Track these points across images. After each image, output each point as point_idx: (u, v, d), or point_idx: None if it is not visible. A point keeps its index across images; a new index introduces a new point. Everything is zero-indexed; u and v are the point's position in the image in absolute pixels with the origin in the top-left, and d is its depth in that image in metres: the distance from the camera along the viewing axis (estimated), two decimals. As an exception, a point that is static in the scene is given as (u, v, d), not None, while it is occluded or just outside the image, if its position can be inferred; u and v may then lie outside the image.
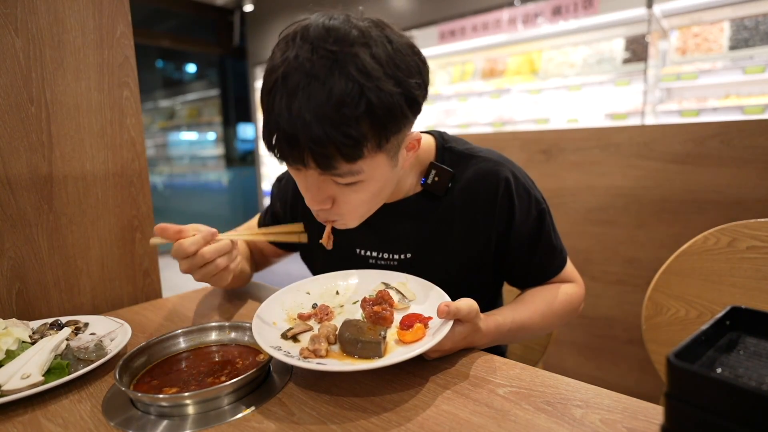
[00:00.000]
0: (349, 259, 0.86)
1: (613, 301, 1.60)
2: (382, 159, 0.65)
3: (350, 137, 0.57)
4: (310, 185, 0.66)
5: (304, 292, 0.77)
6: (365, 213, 0.73)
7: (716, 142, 1.35)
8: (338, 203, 0.68)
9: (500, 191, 0.78)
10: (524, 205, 0.79)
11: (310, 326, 0.67)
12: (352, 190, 0.66)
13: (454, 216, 0.80)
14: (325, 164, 0.60)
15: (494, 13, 3.60)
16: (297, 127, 0.57)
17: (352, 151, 0.59)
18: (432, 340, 0.58)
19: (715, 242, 0.86)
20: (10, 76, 0.84)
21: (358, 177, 0.64)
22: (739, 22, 2.78)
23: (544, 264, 0.83)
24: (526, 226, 0.80)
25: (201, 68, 6.41)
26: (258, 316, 0.66)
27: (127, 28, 0.99)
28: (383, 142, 0.62)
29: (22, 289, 0.87)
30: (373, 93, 0.57)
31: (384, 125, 0.60)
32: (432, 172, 0.80)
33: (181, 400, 0.55)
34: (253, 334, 0.61)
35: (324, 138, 0.56)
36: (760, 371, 0.35)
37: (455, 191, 0.80)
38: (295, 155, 0.60)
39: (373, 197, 0.69)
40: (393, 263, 0.84)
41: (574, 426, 0.49)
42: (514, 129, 3.60)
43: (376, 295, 0.71)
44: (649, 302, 0.93)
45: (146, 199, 1.05)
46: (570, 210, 1.65)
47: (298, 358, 0.58)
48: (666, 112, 2.98)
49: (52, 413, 0.57)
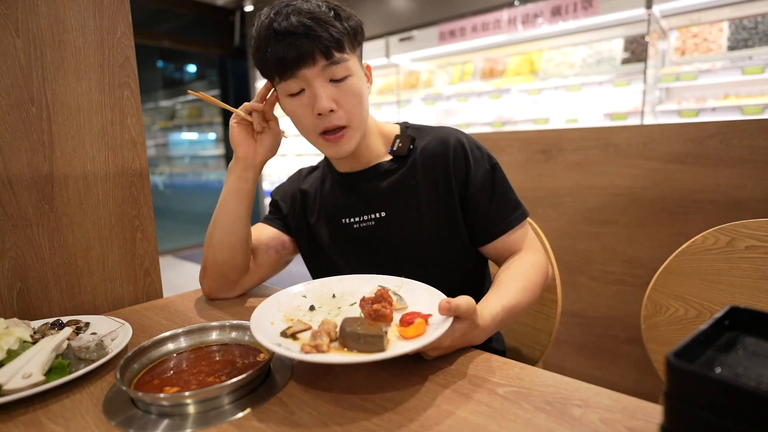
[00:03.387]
0: (336, 230, 0.97)
1: (612, 301, 1.60)
2: (357, 61, 0.85)
3: (336, 29, 0.79)
4: (317, 91, 0.80)
5: (301, 296, 0.77)
6: (361, 120, 0.86)
7: (715, 142, 1.36)
8: (341, 104, 0.82)
9: (454, 147, 0.91)
10: (477, 158, 0.91)
11: (309, 325, 0.67)
12: (349, 87, 0.82)
13: (417, 173, 0.92)
14: (327, 52, 0.78)
15: (494, 14, 3.60)
16: (302, 30, 0.77)
17: (340, 41, 0.79)
18: (433, 335, 0.58)
19: (714, 242, 0.87)
20: (10, 76, 0.84)
21: (348, 70, 0.81)
22: (738, 23, 2.79)
23: (504, 211, 0.89)
24: (480, 175, 0.89)
25: (201, 68, 6.41)
26: (255, 317, 0.66)
27: (127, 28, 0.99)
28: (354, 44, 0.84)
29: (23, 289, 0.88)
30: (334, 8, 0.82)
31: (350, 29, 0.82)
32: (397, 141, 0.96)
33: (182, 400, 0.55)
34: (252, 332, 0.61)
35: (323, 32, 0.77)
36: (759, 371, 0.36)
37: (416, 152, 0.93)
38: (306, 54, 0.77)
39: (360, 97, 0.84)
40: (371, 223, 0.93)
41: (573, 425, 0.49)
42: (514, 129, 3.60)
43: (375, 294, 0.71)
44: (648, 302, 0.93)
45: (147, 199, 1.05)
46: (569, 210, 1.65)
47: (300, 353, 0.58)
48: (665, 112, 2.98)
49: (53, 413, 0.57)
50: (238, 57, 6.01)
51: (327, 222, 0.98)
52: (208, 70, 6.33)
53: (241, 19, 5.81)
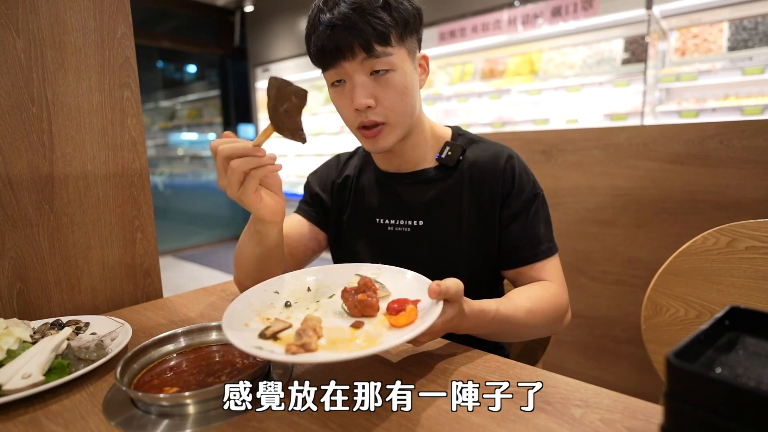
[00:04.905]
0: (368, 228, 0.96)
1: (612, 301, 1.60)
2: (405, 54, 0.82)
3: (380, 21, 0.76)
4: (355, 85, 0.79)
5: (272, 292, 0.71)
6: (401, 117, 0.83)
7: (715, 142, 1.36)
8: (380, 100, 0.80)
9: (504, 165, 0.89)
10: (523, 183, 0.89)
11: (290, 323, 0.62)
12: (390, 82, 0.80)
13: (463, 186, 0.90)
14: (368, 46, 0.76)
15: (494, 14, 3.60)
16: (341, 20, 0.75)
17: (384, 34, 0.77)
18: (427, 321, 0.55)
19: (715, 242, 0.87)
20: (11, 76, 0.84)
21: (392, 63, 0.79)
22: (739, 23, 2.78)
23: (533, 242, 0.86)
24: (521, 200, 0.88)
25: (201, 69, 6.41)
26: (227, 321, 0.58)
27: (127, 28, 0.99)
28: (404, 36, 0.81)
29: (23, 289, 0.88)
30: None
31: (401, 20, 0.79)
32: (446, 148, 0.92)
33: (182, 400, 0.55)
34: (227, 338, 0.54)
35: (365, 24, 0.76)
36: (760, 371, 0.35)
37: (465, 164, 0.91)
38: (344, 45, 0.76)
39: (405, 92, 0.81)
40: (406, 229, 0.91)
41: (573, 425, 0.49)
42: (514, 129, 3.60)
43: (359, 283, 0.66)
44: (648, 302, 0.93)
45: (147, 200, 1.05)
46: (570, 210, 1.65)
47: (286, 355, 0.53)
48: (665, 112, 2.98)
49: (53, 413, 0.57)
50: (238, 57, 6.01)
51: (361, 217, 0.97)
52: (208, 70, 6.33)
53: (241, 19, 5.81)
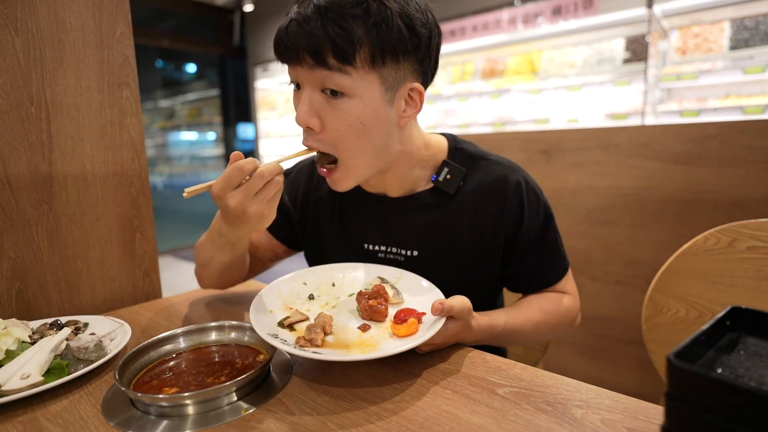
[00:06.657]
0: (356, 254, 0.86)
1: (613, 302, 1.59)
2: (375, 82, 0.66)
3: (344, 30, 0.61)
4: (303, 97, 0.67)
5: (301, 282, 0.78)
6: (355, 156, 0.70)
7: (716, 142, 1.35)
8: (326, 126, 0.67)
9: (511, 194, 0.79)
10: (533, 209, 0.81)
11: (307, 316, 0.69)
12: (339, 108, 0.66)
13: (463, 215, 0.80)
14: (317, 55, 0.63)
15: (494, 13, 3.60)
16: (301, 17, 0.63)
17: (343, 47, 0.62)
18: (425, 335, 0.60)
19: (716, 242, 0.86)
20: (9, 75, 0.84)
21: (346, 86, 0.64)
22: (740, 22, 2.78)
23: (547, 269, 0.84)
24: (533, 230, 0.81)
25: (201, 68, 6.41)
26: (255, 304, 0.68)
27: (127, 27, 0.99)
28: (377, 59, 0.64)
29: (22, 289, 0.87)
30: (375, 3, 0.62)
31: (379, 39, 0.63)
32: (444, 169, 0.80)
33: (181, 400, 0.55)
34: (251, 320, 0.62)
35: (320, 28, 0.62)
36: (761, 371, 0.35)
37: (465, 191, 0.80)
38: (292, 46, 0.64)
39: (359, 128, 0.67)
40: (399, 258, 0.83)
41: (574, 426, 0.49)
42: (514, 129, 3.60)
43: (372, 289, 0.72)
44: (649, 302, 0.93)
45: (146, 199, 1.05)
46: (570, 210, 1.65)
47: (295, 347, 0.59)
48: (666, 112, 2.98)
49: (51, 413, 0.57)
50: (238, 57, 6.01)
51: (347, 241, 0.87)
52: (208, 69, 6.33)
53: (240, 18, 5.81)
